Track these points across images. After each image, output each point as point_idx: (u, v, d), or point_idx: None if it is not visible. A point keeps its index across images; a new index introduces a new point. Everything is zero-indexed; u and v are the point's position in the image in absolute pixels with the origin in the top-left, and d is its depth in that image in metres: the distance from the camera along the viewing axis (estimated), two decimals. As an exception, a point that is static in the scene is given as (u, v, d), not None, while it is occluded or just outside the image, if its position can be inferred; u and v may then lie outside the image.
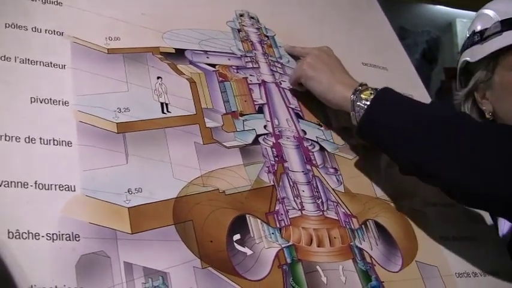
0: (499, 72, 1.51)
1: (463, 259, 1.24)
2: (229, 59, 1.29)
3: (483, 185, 1.06)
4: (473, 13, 5.10)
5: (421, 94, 1.55)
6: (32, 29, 1.12)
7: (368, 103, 1.16)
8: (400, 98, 1.19)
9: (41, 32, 1.12)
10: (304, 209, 1.13)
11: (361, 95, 1.18)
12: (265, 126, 1.22)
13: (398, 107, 1.17)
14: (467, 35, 1.64)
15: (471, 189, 1.08)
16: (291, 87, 1.32)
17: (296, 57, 1.38)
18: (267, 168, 1.15)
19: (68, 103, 1.05)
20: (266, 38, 1.38)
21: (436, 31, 5.57)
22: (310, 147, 1.24)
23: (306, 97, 1.31)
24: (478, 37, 1.58)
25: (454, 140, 1.08)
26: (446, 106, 1.25)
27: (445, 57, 5.55)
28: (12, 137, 0.97)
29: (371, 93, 1.17)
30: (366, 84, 1.20)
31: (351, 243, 1.13)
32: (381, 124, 1.16)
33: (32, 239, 0.89)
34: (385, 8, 1.74)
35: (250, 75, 1.29)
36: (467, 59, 1.60)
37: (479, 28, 1.59)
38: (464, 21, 5.32)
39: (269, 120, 1.23)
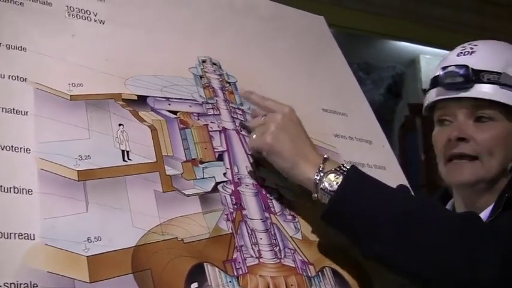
0: None
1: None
2: (190, 106, 1.31)
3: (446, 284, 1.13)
4: (436, 50, 5.15)
5: (379, 140, 1.59)
6: (-5, 75, 1.13)
7: (332, 190, 1.17)
8: (364, 188, 1.19)
9: (4, 77, 1.13)
10: (261, 257, 1.15)
11: (325, 179, 1.18)
12: (224, 174, 1.23)
13: (363, 199, 1.17)
14: None
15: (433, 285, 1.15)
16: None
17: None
18: (226, 216, 1.17)
19: (29, 150, 1.06)
20: (228, 85, 1.40)
21: (400, 66, 5.65)
22: (269, 195, 1.26)
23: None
24: None
25: (416, 238, 1.13)
26: (409, 197, 1.28)
27: (409, 92, 5.62)
28: (-28, 184, 0.98)
29: (335, 177, 1.17)
30: (328, 159, 1.21)
31: (308, 291, 1.15)
32: (345, 216, 1.17)
33: (-10, 289, 0.89)
34: (351, 43, 1.78)
35: (211, 122, 1.30)
36: None
37: None
38: (427, 57, 5.39)
39: (229, 167, 1.25)
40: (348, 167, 1.20)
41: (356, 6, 4.47)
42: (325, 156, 1.22)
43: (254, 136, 1.26)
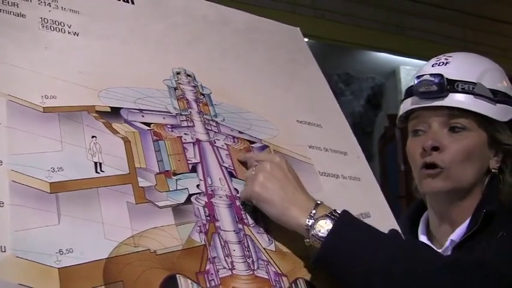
0: None
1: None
2: (164, 118, 1.31)
3: None
4: (417, 61, 5.20)
5: (354, 151, 1.59)
6: (-33, 86, 1.12)
7: (324, 235, 1.17)
8: (354, 235, 1.19)
9: (-24, 89, 1.13)
10: (234, 269, 1.15)
11: (316, 225, 1.18)
12: (198, 186, 1.24)
13: (353, 245, 1.17)
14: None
15: None
16: (225, 147, 1.34)
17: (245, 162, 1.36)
18: (199, 228, 1.17)
19: (1, 162, 1.06)
20: (202, 96, 1.41)
21: (380, 77, 5.68)
22: (242, 206, 1.26)
23: (238, 156, 1.34)
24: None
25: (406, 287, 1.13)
26: (400, 243, 1.26)
27: (389, 103, 5.66)
28: None
29: (326, 223, 1.18)
30: (321, 205, 1.21)
31: (281, 302, 1.15)
32: (335, 262, 1.18)
33: (-41, 302, 0.89)
34: (333, 54, 1.78)
35: (185, 134, 1.31)
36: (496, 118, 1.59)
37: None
38: (407, 68, 5.43)
39: (202, 179, 1.25)
40: (340, 212, 1.20)
41: (338, 18, 4.50)
42: (317, 201, 1.22)
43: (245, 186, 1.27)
